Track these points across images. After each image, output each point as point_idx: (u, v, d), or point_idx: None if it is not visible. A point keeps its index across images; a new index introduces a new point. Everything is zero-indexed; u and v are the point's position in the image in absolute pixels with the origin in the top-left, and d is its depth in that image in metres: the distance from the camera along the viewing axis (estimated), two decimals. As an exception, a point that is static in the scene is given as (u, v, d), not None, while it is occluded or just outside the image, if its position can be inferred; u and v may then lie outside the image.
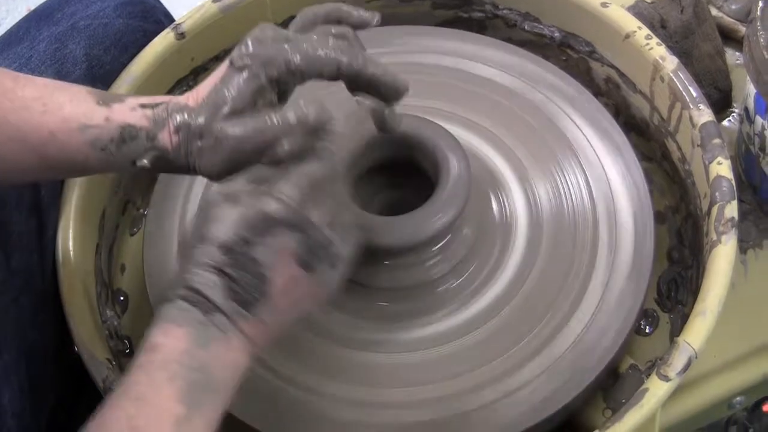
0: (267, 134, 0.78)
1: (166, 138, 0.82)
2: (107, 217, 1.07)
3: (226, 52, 1.16)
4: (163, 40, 1.10)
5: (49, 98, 0.82)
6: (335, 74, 0.82)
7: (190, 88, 1.13)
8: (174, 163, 0.83)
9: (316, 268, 0.77)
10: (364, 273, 0.93)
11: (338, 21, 0.87)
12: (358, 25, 0.87)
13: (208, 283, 0.73)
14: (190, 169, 0.83)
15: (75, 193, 1.00)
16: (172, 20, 1.17)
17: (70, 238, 0.97)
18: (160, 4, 1.19)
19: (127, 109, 0.82)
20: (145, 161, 0.83)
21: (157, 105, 0.82)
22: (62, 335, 0.95)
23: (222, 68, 0.82)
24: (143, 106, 0.82)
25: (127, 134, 0.81)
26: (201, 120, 0.80)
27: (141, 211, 1.16)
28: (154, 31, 1.11)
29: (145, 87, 1.08)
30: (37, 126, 0.81)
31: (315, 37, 0.82)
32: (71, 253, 0.96)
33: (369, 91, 0.84)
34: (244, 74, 0.80)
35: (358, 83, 0.83)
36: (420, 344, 0.94)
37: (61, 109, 0.82)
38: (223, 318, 0.73)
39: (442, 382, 0.92)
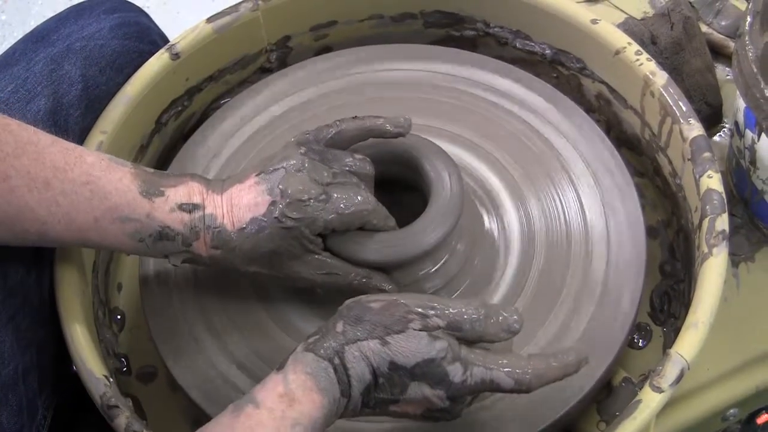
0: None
1: (201, 248, 0.90)
2: (104, 236, 1.08)
3: (221, 72, 1.17)
4: (158, 60, 1.11)
5: (97, 183, 0.87)
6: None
7: (185, 107, 1.14)
8: (205, 264, 0.93)
9: (430, 422, 0.82)
10: (362, 296, 0.93)
11: (373, 136, 0.96)
12: (395, 136, 0.96)
13: (361, 376, 0.77)
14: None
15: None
16: (166, 41, 1.18)
17: (67, 257, 0.97)
18: (155, 25, 1.20)
19: (167, 208, 0.89)
20: (177, 261, 0.91)
21: (194, 208, 0.89)
22: (60, 353, 0.95)
23: (257, 194, 0.89)
24: (181, 207, 0.89)
25: (165, 235, 0.89)
26: (244, 249, 0.89)
27: (137, 230, 1.16)
28: (149, 52, 1.12)
29: (140, 107, 1.09)
30: (83, 212, 0.87)
31: (347, 188, 0.91)
32: (68, 271, 0.97)
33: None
34: (294, 232, 0.89)
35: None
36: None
37: (107, 198, 0.87)
38: (344, 405, 0.78)
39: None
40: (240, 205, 0.89)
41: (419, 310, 0.79)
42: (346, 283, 0.92)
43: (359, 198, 0.90)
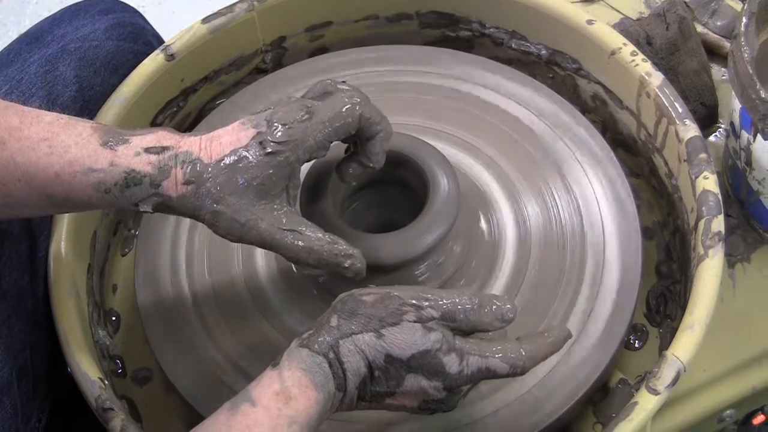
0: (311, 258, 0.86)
1: (171, 187, 0.84)
2: (99, 237, 1.08)
3: (216, 73, 1.17)
4: (153, 61, 1.10)
5: (55, 139, 0.83)
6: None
7: (180, 108, 1.14)
8: (177, 210, 0.86)
9: (426, 413, 0.82)
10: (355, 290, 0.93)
11: None
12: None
13: (356, 370, 0.77)
14: (195, 218, 0.86)
15: (66, 215, 1.00)
16: (161, 42, 1.18)
17: (61, 258, 0.97)
18: (150, 25, 1.20)
19: (131, 153, 0.83)
20: (148, 207, 0.85)
21: (163, 150, 0.84)
22: (54, 355, 0.95)
23: (240, 131, 0.84)
24: (148, 150, 0.84)
25: (130, 180, 0.83)
26: (218, 181, 0.83)
27: (132, 231, 1.16)
28: (144, 53, 1.12)
29: (135, 108, 1.08)
30: (43, 167, 0.83)
31: (335, 97, 0.86)
32: (63, 273, 0.96)
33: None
34: (278, 158, 0.83)
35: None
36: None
37: (66, 151, 0.83)
38: (340, 399, 0.78)
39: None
40: (221, 141, 0.85)
41: (413, 302, 0.79)
42: (307, 246, 0.85)
43: (344, 97, 0.86)
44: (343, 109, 0.85)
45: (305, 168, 0.92)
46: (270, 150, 0.83)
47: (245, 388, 0.76)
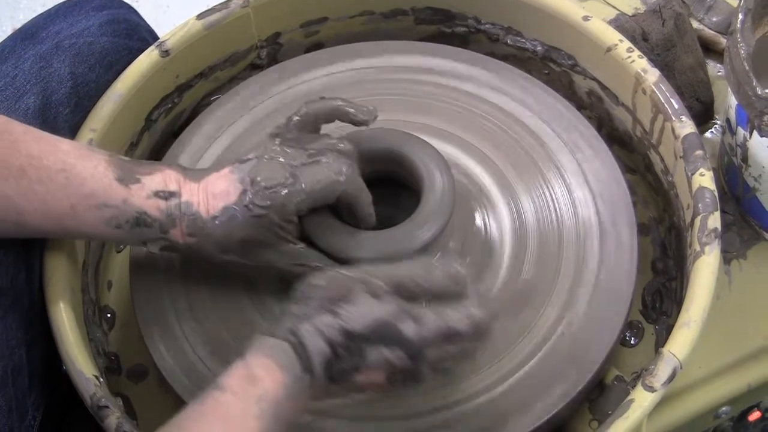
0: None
1: (177, 235, 0.91)
2: (93, 234, 1.07)
3: (211, 69, 1.17)
4: (148, 57, 1.10)
5: (72, 171, 0.88)
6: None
7: (175, 104, 1.14)
8: (187, 255, 0.94)
9: (396, 385, 0.82)
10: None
11: (339, 119, 0.95)
12: (359, 124, 0.94)
13: (318, 350, 0.78)
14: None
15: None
16: (156, 38, 1.18)
17: (56, 256, 0.97)
18: (145, 21, 1.20)
19: (143, 194, 0.90)
20: (155, 248, 0.92)
21: (170, 196, 0.90)
22: (50, 353, 0.94)
23: (230, 182, 0.91)
24: (157, 194, 0.90)
25: (141, 221, 0.90)
26: (218, 237, 0.91)
27: (127, 228, 1.16)
28: (138, 49, 1.12)
29: (130, 104, 1.08)
30: (59, 199, 0.88)
31: (321, 164, 0.92)
32: (58, 270, 0.96)
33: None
34: (264, 220, 0.90)
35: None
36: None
37: (82, 184, 0.88)
38: (309, 381, 0.78)
39: (429, 395, 0.92)
40: (214, 193, 0.91)
41: (363, 277, 0.81)
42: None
43: (328, 171, 0.91)
44: (326, 184, 0.91)
45: None
46: (255, 213, 0.90)
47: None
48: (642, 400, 0.84)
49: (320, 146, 0.93)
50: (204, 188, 0.91)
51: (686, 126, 1.00)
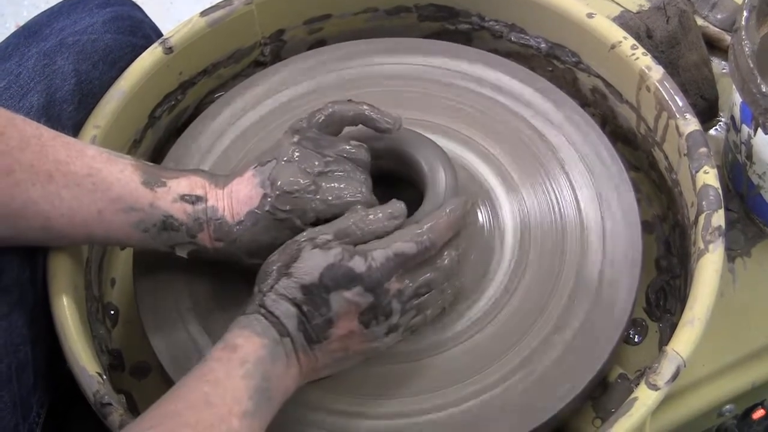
0: None
1: (206, 240, 0.93)
2: (97, 231, 1.07)
3: (215, 66, 1.17)
4: (151, 54, 1.10)
5: (98, 175, 0.89)
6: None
7: (178, 101, 1.14)
8: (215, 259, 0.95)
9: (373, 330, 0.85)
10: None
11: (363, 124, 0.96)
12: (382, 131, 0.95)
13: (286, 312, 0.83)
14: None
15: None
16: (160, 35, 1.18)
17: (60, 253, 0.97)
18: (149, 19, 1.20)
19: (170, 198, 0.91)
20: (183, 252, 0.94)
21: (197, 200, 0.92)
22: (53, 350, 0.94)
23: (251, 186, 0.92)
24: (183, 198, 0.92)
25: (169, 224, 0.92)
26: (244, 241, 0.92)
27: (131, 225, 1.16)
28: (142, 46, 1.12)
29: (134, 101, 1.08)
30: (86, 204, 0.89)
31: (339, 177, 0.93)
32: (61, 267, 0.96)
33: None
34: (287, 223, 0.91)
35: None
36: (407, 356, 0.94)
37: (109, 188, 0.89)
38: (290, 345, 0.82)
39: (431, 393, 0.92)
40: (239, 198, 0.92)
41: (306, 236, 0.86)
42: None
43: (349, 189, 0.92)
44: (345, 201, 0.91)
45: None
46: (278, 216, 0.91)
47: None
48: (645, 398, 0.84)
49: (336, 153, 0.94)
50: (229, 194, 0.93)
51: (690, 123, 1.00)
